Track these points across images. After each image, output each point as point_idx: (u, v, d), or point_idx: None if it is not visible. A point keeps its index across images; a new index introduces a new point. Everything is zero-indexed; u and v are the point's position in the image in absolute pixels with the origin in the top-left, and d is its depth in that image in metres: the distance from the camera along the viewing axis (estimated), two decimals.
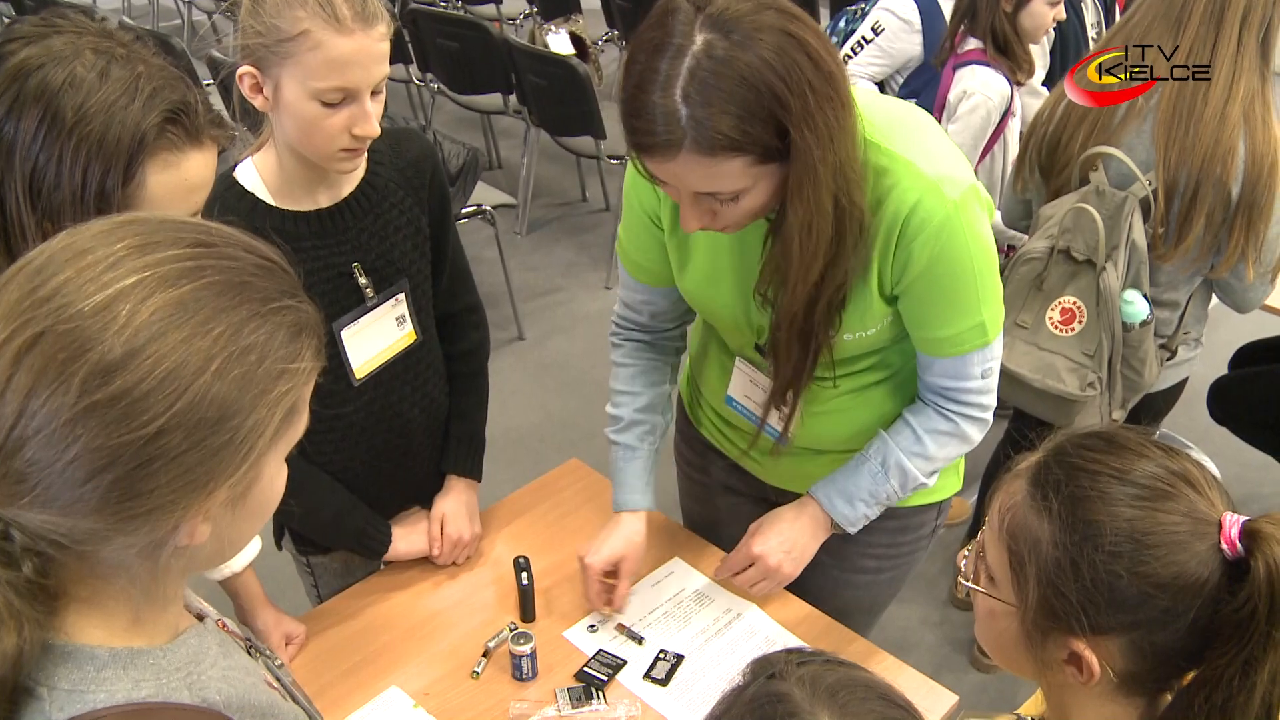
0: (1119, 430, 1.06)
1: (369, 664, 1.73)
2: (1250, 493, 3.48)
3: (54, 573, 0.79)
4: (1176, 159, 2.08)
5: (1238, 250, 2.11)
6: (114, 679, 0.80)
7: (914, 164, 1.42)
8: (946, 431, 1.63)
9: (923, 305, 1.52)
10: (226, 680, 0.89)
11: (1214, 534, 0.97)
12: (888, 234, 1.45)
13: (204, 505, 0.78)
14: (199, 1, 7.60)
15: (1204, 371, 3.12)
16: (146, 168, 1.15)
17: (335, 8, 1.42)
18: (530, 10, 6.79)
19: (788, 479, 1.83)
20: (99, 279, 0.72)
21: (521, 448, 3.60)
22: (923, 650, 2.97)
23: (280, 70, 1.46)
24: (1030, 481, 1.05)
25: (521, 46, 4.74)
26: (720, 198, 1.34)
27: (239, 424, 0.76)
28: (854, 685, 0.84)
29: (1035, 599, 1.03)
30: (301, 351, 0.81)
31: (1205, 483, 1.01)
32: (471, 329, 1.96)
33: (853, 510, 1.67)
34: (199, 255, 0.76)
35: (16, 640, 0.75)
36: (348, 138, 1.51)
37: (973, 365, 1.58)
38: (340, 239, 1.66)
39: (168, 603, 0.88)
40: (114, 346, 0.71)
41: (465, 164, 4.03)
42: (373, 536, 1.85)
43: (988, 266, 1.51)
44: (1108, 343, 2.18)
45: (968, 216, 1.44)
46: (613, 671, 1.70)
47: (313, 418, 1.72)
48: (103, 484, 0.73)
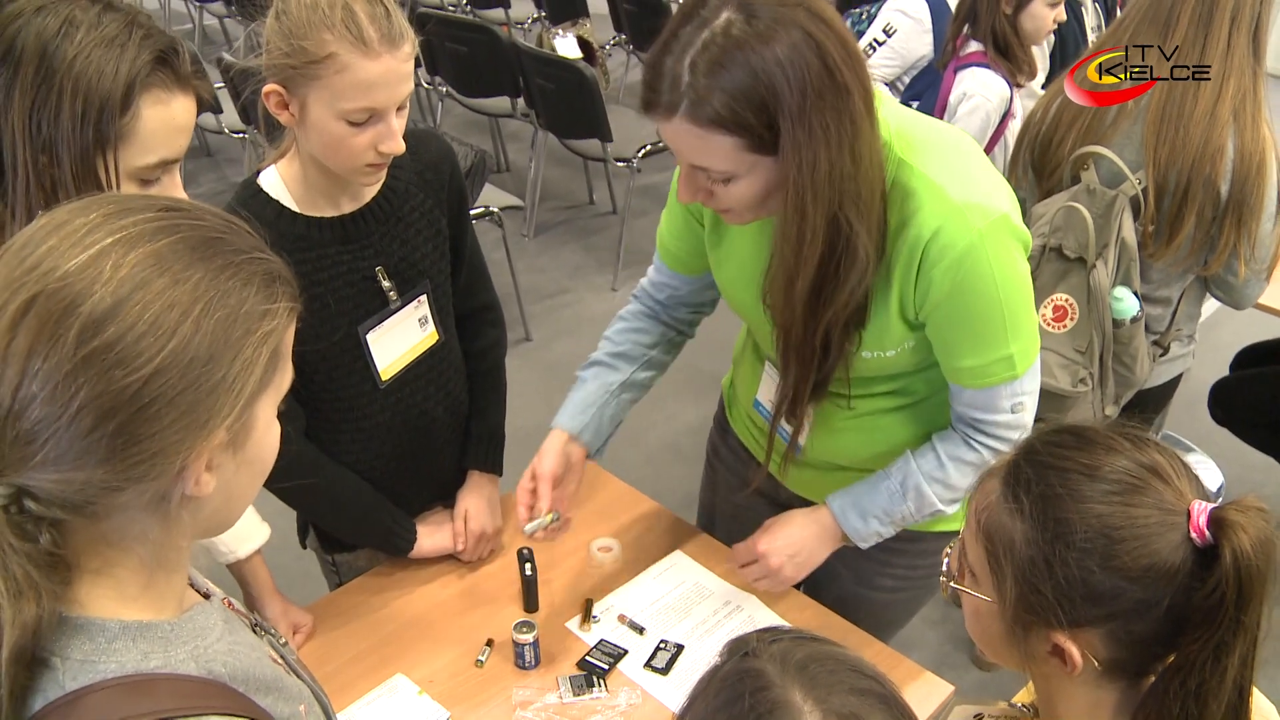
0: (1088, 426, 1.08)
1: (374, 652, 1.76)
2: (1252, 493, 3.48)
3: (68, 543, 0.82)
4: (1167, 158, 2.10)
5: (1229, 247, 2.13)
6: (124, 650, 0.83)
7: (942, 188, 1.41)
8: (970, 461, 1.61)
9: (946, 334, 1.51)
10: (232, 654, 0.91)
11: (1183, 523, 0.98)
12: (909, 258, 1.43)
13: (205, 446, 0.81)
14: (211, 6, 7.64)
15: (1205, 373, 3.14)
16: (141, 100, 1.22)
17: (362, 30, 1.43)
18: (538, 14, 6.81)
19: (807, 488, 1.84)
20: (81, 242, 0.77)
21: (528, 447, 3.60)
22: (924, 648, 2.99)
23: (307, 91, 1.47)
24: (1003, 481, 1.07)
25: (529, 50, 4.77)
26: (712, 176, 1.36)
27: (229, 362, 0.80)
28: (824, 658, 0.86)
29: (1014, 596, 1.05)
30: (277, 295, 0.85)
31: (1174, 472, 1.02)
32: (489, 326, 1.99)
33: (865, 526, 1.65)
34: (170, 215, 0.81)
35: (36, 610, 0.77)
36: (373, 154, 1.53)
37: (1001, 399, 1.55)
38: (363, 244, 1.68)
39: (175, 569, 0.90)
40: (103, 298, 0.75)
41: (473, 166, 4.06)
42: (399, 535, 1.88)
43: (1018, 299, 1.48)
44: (1098, 339, 2.20)
45: (994, 247, 1.41)
46: (614, 660, 1.73)
47: (340, 420, 1.78)
48: (108, 431, 0.76)
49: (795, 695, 0.82)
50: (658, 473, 3.51)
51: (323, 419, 1.77)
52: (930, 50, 3.38)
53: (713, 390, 3.82)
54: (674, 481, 3.44)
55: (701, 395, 4.02)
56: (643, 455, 3.73)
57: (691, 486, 2.31)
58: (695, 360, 4.21)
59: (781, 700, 0.82)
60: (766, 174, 1.35)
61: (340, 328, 1.69)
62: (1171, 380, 2.45)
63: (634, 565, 1.93)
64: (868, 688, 0.85)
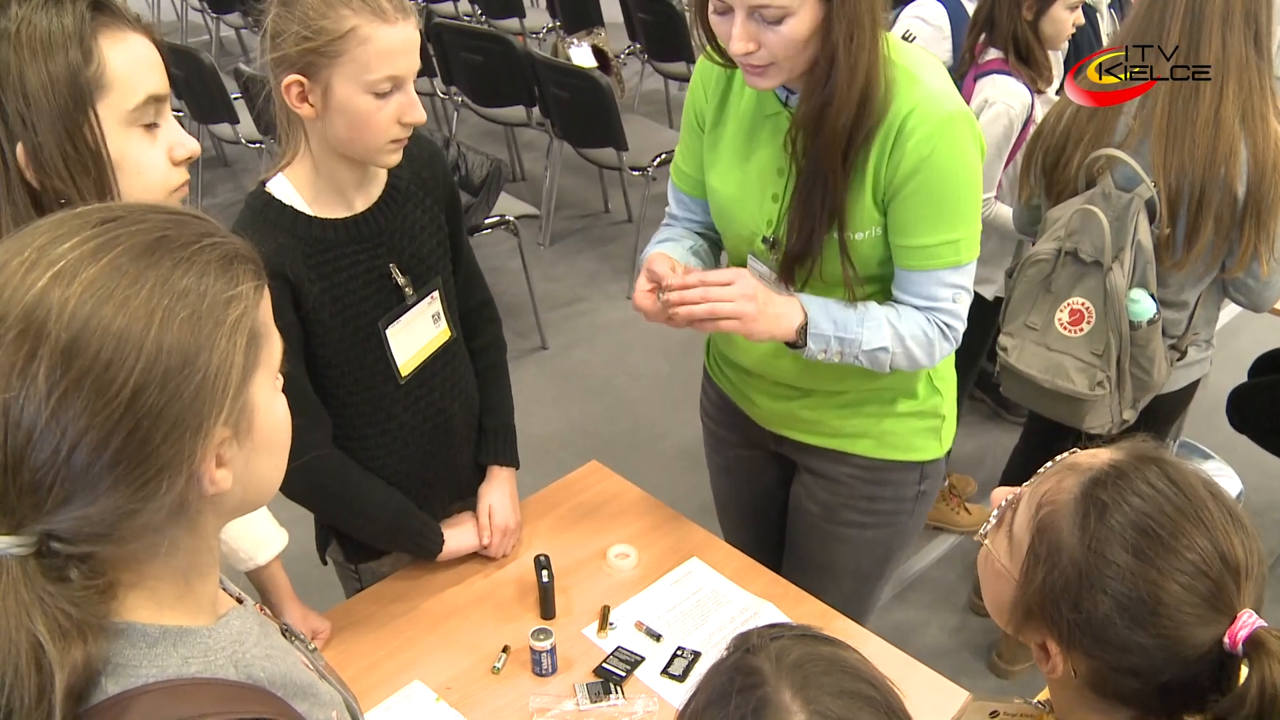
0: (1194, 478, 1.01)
1: (392, 658, 1.77)
2: (1271, 501, 3.47)
3: (102, 571, 0.82)
4: (1177, 170, 2.11)
5: (1250, 248, 2.13)
6: (164, 655, 0.84)
7: (919, 78, 1.59)
8: (923, 329, 1.70)
9: (905, 210, 1.63)
10: (270, 659, 0.92)
11: (1224, 625, 0.95)
12: (885, 133, 1.59)
13: (207, 448, 0.81)
14: (227, 18, 7.69)
15: (1224, 379, 3.12)
16: (100, 44, 1.18)
17: (377, 1, 1.49)
18: (553, 24, 6.83)
19: (779, 422, 1.96)
20: (23, 284, 0.75)
21: (544, 454, 3.63)
22: (941, 656, 2.98)
23: (331, 71, 1.50)
24: (1081, 490, 1.02)
25: (544, 60, 4.79)
26: (767, 15, 1.48)
27: (205, 361, 0.79)
28: (819, 659, 0.85)
29: (1035, 589, 1.04)
30: (239, 277, 0.83)
31: (1247, 573, 0.97)
32: (488, 323, 2.01)
33: (825, 324, 1.67)
34: (106, 230, 0.79)
35: (84, 650, 0.78)
36: (398, 127, 1.57)
37: (942, 285, 1.68)
38: (376, 241, 1.70)
39: (208, 574, 0.91)
40: (60, 336, 0.74)
41: (489, 175, 4.07)
42: (428, 537, 1.89)
43: (972, 188, 1.64)
44: (1115, 342, 2.19)
45: (961, 133, 1.59)
46: (631, 667, 1.73)
47: (365, 424, 1.80)
48: (106, 461, 0.76)
49: (785, 695, 0.82)
50: (673, 480, 3.51)
51: (348, 423, 1.78)
52: (949, 57, 3.37)
53: None
54: (689, 488, 3.43)
55: None
56: (658, 462, 3.73)
57: (706, 492, 2.31)
58: None
59: (771, 699, 0.82)
60: (813, 12, 1.49)
61: (362, 326, 1.71)
62: (1189, 385, 2.44)
63: (651, 572, 1.93)
64: (860, 690, 0.84)
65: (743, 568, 1.94)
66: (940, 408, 1.93)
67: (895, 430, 1.91)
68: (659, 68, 6.12)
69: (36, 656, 0.76)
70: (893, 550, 2.06)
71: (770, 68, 1.55)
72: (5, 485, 0.76)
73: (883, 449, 1.92)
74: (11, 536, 0.77)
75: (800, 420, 1.93)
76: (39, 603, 0.77)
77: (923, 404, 1.91)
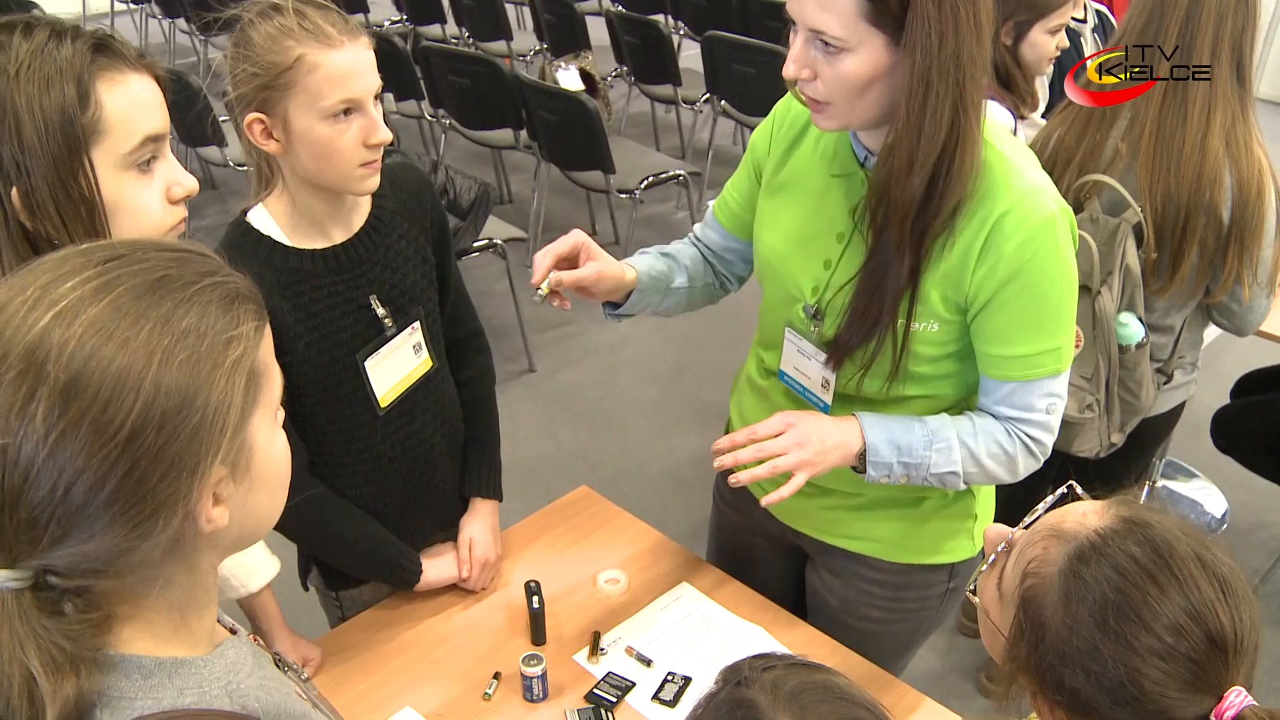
0: (1182, 546, 0.98)
1: (383, 685, 1.76)
2: (1256, 520, 3.49)
3: (97, 605, 0.83)
4: (1163, 197, 2.14)
5: (1233, 273, 2.16)
6: (160, 687, 0.84)
7: (1018, 168, 1.45)
8: (1003, 446, 1.57)
9: (1003, 317, 1.49)
10: (264, 689, 0.92)
11: (1211, 704, 0.94)
12: (978, 229, 1.45)
13: (204, 487, 0.81)
14: (216, 40, 7.70)
15: (1208, 400, 3.15)
16: (97, 88, 1.18)
17: (321, 29, 1.50)
18: (540, 47, 6.87)
19: (795, 517, 1.85)
20: (25, 323, 0.76)
21: (532, 478, 3.63)
22: (929, 678, 2.99)
23: (286, 104, 1.51)
24: (1068, 562, 1.00)
25: (532, 83, 4.81)
26: (825, 41, 1.36)
27: (203, 402, 0.79)
28: (814, 687, 0.87)
29: (1022, 660, 1.03)
30: (240, 318, 0.83)
31: (1238, 648, 0.95)
32: (476, 354, 2.01)
33: (885, 453, 1.56)
34: (108, 270, 0.79)
35: (76, 683, 0.79)
36: (364, 151, 1.57)
37: (1039, 395, 1.54)
38: (356, 272, 1.71)
39: (205, 607, 0.91)
40: (59, 376, 0.74)
41: (477, 198, 4.08)
42: (405, 568, 1.89)
43: (1073, 291, 1.50)
44: (1104, 365, 2.21)
45: (1062, 234, 1.46)
46: (622, 693, 1.73)
47: (343, 453, 1.79)
48: (103, 500, 0.76)
49: None
50: (663, 504, 3.52)
51: (325, 452, 1.78)
52: None
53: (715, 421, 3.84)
54: (678, 512, 3.44)
55: (704, 426, 4.04)
56: (647, 487, 3.73)
57: (695, 516, 2.32)
58: (697, 391, 4.25)
59: None
60: (877, 56, 1.36)
61: (339, 357, 1.71)
62: (1175, 408, 2.46)
63: (641, 597, 1.93)
64: (857, 716, 0.85)
65: (732, 593, 1.94)
66: (972, 507, 1.78)
67: (919, 534, 1.77)
68: (646, 90, 6.16)
69: (29, 689, 0.77)
70: (916, 639, 1.95)
71: (828, 106, 1.43)
72: (3, 521, 0.76)
73: (905, 553, 1.78)
74: (8, 570, 0.78)
75: (818, 519, 1.81)
76: (33, 636, 0.77)
77: (951, 505, 1.76)
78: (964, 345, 1.57)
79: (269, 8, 1.51)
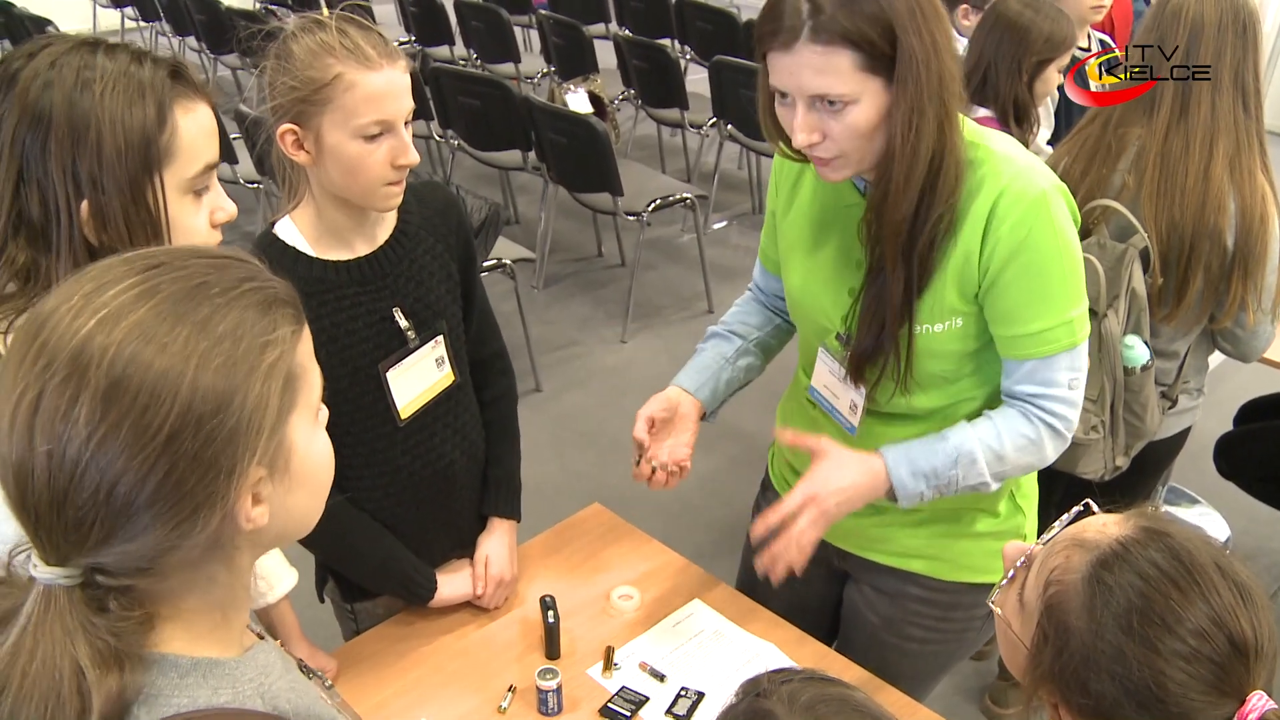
0: (1202, 555, 1.00)
1: (398, 698, 1.78)
2: (1260, 546, 3.51)
3: (141, 603, 0.85)
4: (1169, 223, 2.17)
5: (1237, 300, 2.19)
6: (195, 685, 0.87)
7: (1008, 157, 1.53)
8: (1026, 435, 1.61)
9: (1011, 296, 1.55)
10: (294, 691, 0.95)
11: (1234, 708, 0.95)
12: (976, 222, 1.52)
13: (242, 487, 0.83)
14: (225, 58, 7.75)
15: (1211, 426, 3.16)
16: (174, 114, 1.24)
17: (361, 49, 1.54)
18: (549, 69, 6.92)
19: (843, 537, 1.87)
20: (70, 330, 0.78)
21: (539, 498, 3.63)
22: (933, 699, 2.98)
23: (320, 119, 1.55)
24: (1090, 569, 1.02)
25: (540, 105, 4.85)
26: (830, 101, 1.43)
27: (239, 404, 0.81)
28: (829, 699, 0.89)
29: (1045, 668, 1.04)
30: (277, 322, 0.85)
31: (1259, 653, 0.96)
32: (499, 375, 2.03)
33: (913, 484, 1.61)
34: (150, 277, 0.82)
35: (120, 679, 0.81)
36: (391, 170, 1.60)
37: (1059, 370, 1.58)
38: (380, 284, 1.73)
39: (241, 608, 0.94)
40: (100, 381, 0.77)
41: (487, 219, 4.10)
42: (419, 583, 1.90)
43: (1076, 264, 1.55)
44: (1110, 387, 2.24)
45: (1057, 206, 1.52)
46: (635, 708, 1.75)
47: (361, 465, 1.81)
48: (144, 500, 0.79)
49: None
50: (669, 523, 3.53)
51: (343, 463, 1.78)
52: None
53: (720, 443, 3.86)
54: (686, 532, 3.45)
55: (711, 448, 4.04)
56: (653, 506, 3.73)
57: (702, 538, 2.34)
58: None
59: None
60: (879, 99, 1.43)
61: (361, 367, 1.73)
62: (1179, 433, 2.48)
63: (654, 613, 1.95)
64: None
65: (744, 610, 1.96)
66: (1023, 527, 1.82)
67: (971, 551, 1.80)
68: (653, 114, 6.21)
69: (78, 682, 0.79)
70: (952, 661, 1.98)
71: (837, 160, 1.50)
72: (52, 522, 0.79)
73: (957, 571, 1.81)
74: (60, 568, 0.81)
75: (867, 537, 1.84)
76: (82, 630, 0.80)
77: (1003, 523, 1.80)
78: (987, 338, 1.62)
79: (313, 22, 1.55)
